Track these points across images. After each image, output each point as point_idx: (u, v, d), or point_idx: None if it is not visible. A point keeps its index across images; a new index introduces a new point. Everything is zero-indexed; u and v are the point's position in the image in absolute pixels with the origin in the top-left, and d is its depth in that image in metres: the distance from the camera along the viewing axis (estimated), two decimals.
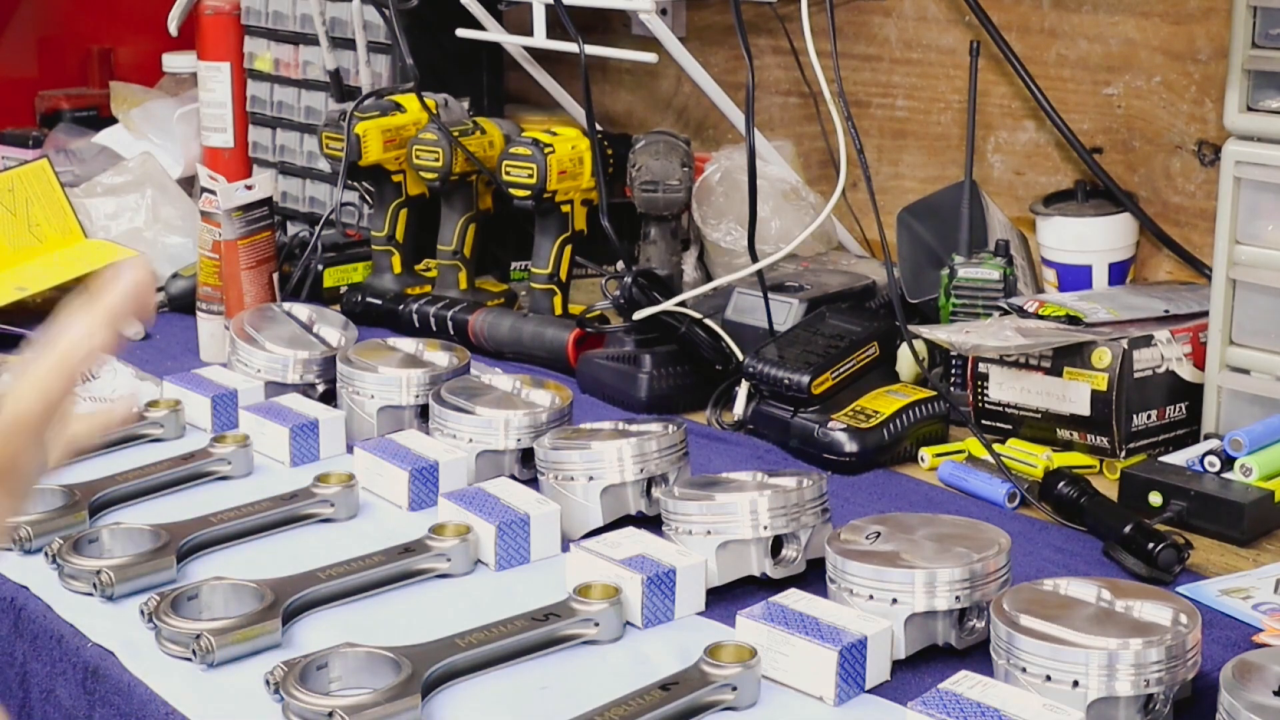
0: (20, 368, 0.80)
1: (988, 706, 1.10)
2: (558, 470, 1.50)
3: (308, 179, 2.49)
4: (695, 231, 2.26)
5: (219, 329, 1.99)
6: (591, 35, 2.09)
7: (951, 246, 1.93)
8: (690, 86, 2.34)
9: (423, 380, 1.72)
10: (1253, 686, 1.06)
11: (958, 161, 2.05)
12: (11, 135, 2.81)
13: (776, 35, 2.33)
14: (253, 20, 2.51)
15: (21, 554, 1.44)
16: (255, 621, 1.26)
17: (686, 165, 2.09)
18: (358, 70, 2.38)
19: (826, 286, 1.97)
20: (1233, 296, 1.64)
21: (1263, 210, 1.61)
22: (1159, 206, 1.98)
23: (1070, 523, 1.52)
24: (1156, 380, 1.65)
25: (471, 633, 1.25)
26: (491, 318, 2.05)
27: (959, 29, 2.15)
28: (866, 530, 1.31)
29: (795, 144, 2.36)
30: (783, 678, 1.21)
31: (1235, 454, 1.52)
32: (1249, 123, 1.61)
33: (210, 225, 1.99)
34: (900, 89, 2.24)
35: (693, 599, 1.34)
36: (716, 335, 1.86)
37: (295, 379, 1.81)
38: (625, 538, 1.38)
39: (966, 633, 1.26)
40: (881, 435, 1.68)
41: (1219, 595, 1.37)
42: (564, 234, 2.09)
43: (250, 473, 1.64)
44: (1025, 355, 1.67)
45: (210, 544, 1.45)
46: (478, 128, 2.19)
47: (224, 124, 2.55)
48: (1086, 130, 2.03)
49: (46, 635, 1.33)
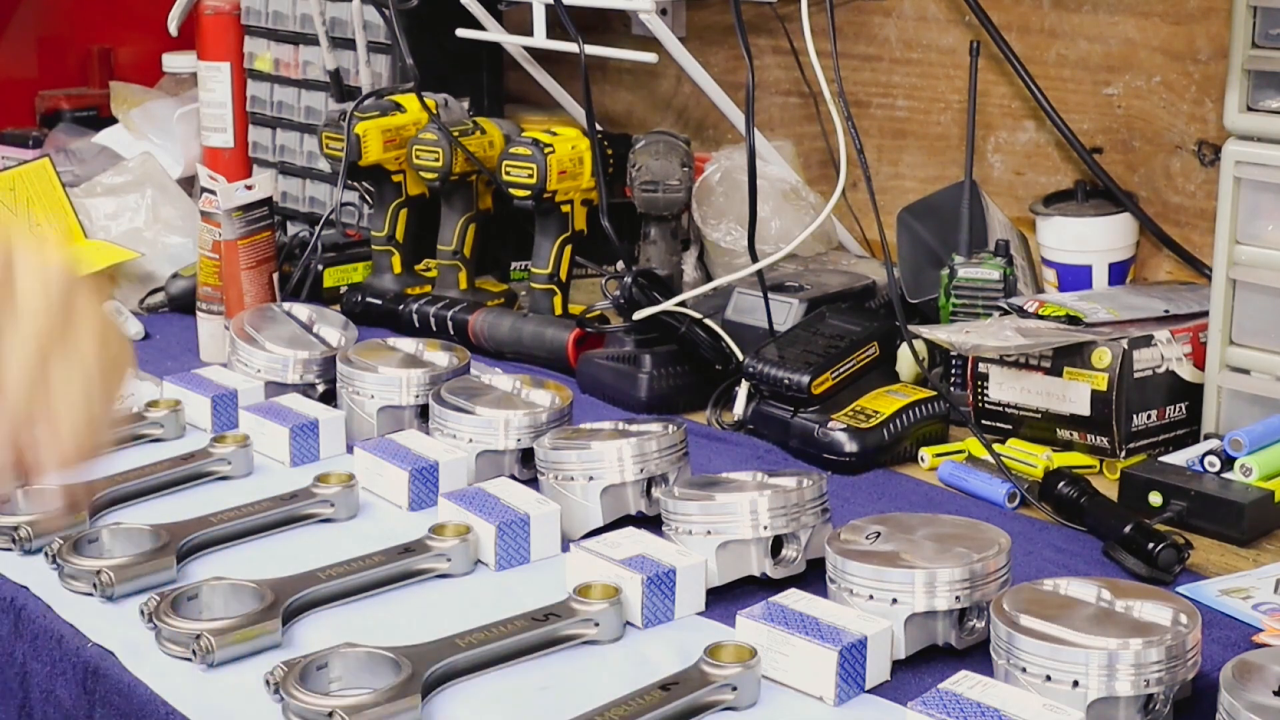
0: None
1: (988, 706, 1.10)
2: (558, 470, 1.50)
3: (308, 179, 2.49)
4: (695, 231, 2.26)
5: (219, 329, 1.99)
6: (591, 35, 2.09)
7: (951, 246, 1.93)
8: (690, 86, 2.34)
9: (423, 380, 1.72)
10: (1253, 686, 1.06)
11: (958, 161, 2.05)
12: (11, 135, 2.81)
13: (776, 35, 2.33)
14: (253, 20, 2.51)
15: (21, 554, 1.44)
16: (255, 622, 1.26)
17: (686, 165, 2.09)
18: (358, 70, 2.38)
19: (826, 286, 1.97)
20: (1233, 296, 1.64)
21: (1263, 210, 1.61)
22: (1159, 206, 1.98)
23: (1070, 523, 1.52)
24: (1156, 380, 1.65)
25: (471, 633, 1.25)
26: (491, 318, 2.05)
27: (959, 29, 2.15)
28: (866, 530, 1.31)
29: (795, 144, 2.36)
30: (783, 678, 1.21)
31: (1235, 454, 1.52)
32: (1249, 123, 1.61)
33: (210, 225, 1.99)
34: (900, 89, 2.24)
35: (693, 599, 1.34)
36: (716, 335, 1.86)
37: (295, 379, 1.81)
38: (625, 538, 1.38)
39: (966, 633, 1.26)
40: (881, 435, 1.68)
41: (1219, 595, 1.37)
42: (564, 234, 2.09)
43: (250, 473, 1.64)
44: (1025, 355, 1.67)
45: (210, 544, 1.45)
46: (478, 128, 2.19)
47: (224, 124, 2.55)
48: (1086, 130, 2.03)
49: (46, 635, 1.33)
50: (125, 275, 2.26)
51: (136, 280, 2.26)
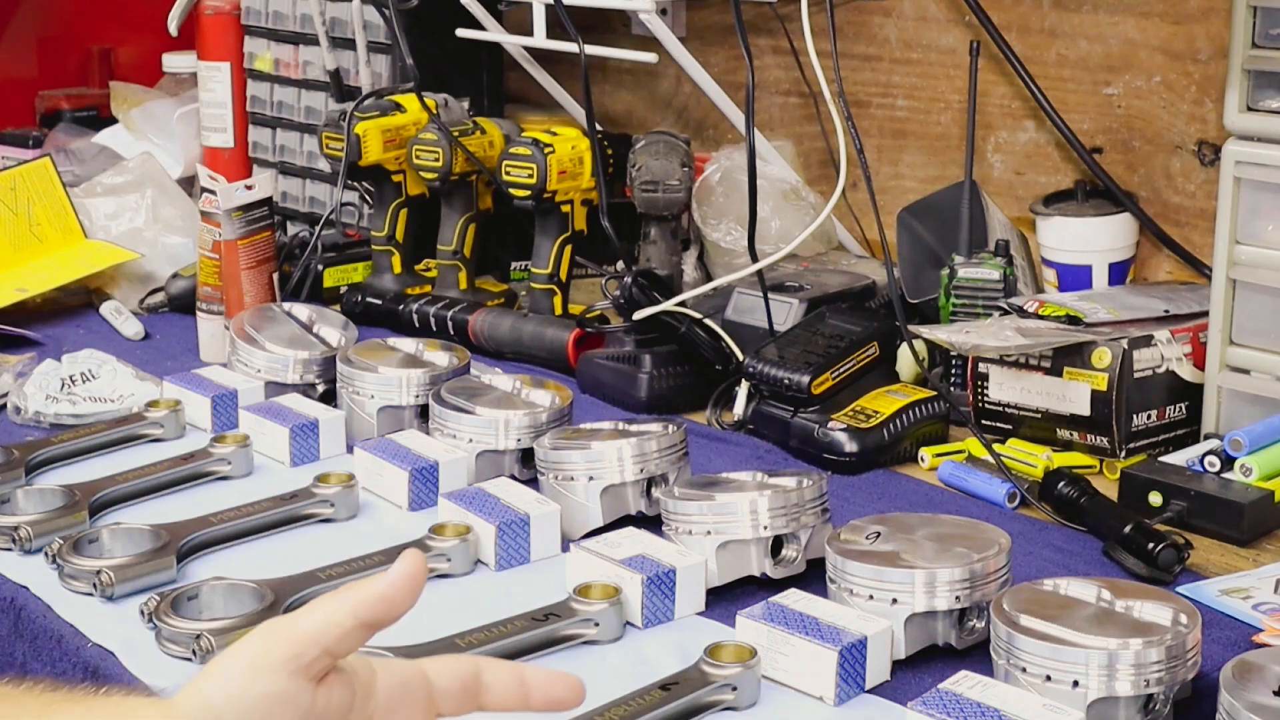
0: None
1: (988, 706, 1.10)
2: (558, 470, 1.50)
3: (308, 179, 2.48)
4: (695, 231, 2.26)
5: (219, 329, 1.99)
6: (591, 35, 2.09)
7: (951, 246, 1.93)
8: (690, 86, 2.34)
9: (423, 380, 1.72)
10: (1253, 686, 1.07)
11: (958, 161, 2.05)
12: (11, 135, 2.81)
13: (776, 35, 2.33)
14: (253, 20, 2.51)
15: (21, 554, 1.44)
16: (255, 621, 1.26)
17: (686, 165, 2.09)
18: (358, 70, 2.38)
19: (826, 286, 1.97)
20: (1233, 296, 1.64)
21: (1263, 210, 1.61)
22: (1159, 206, 1.98)
23: (1070, 523, 1.52)
24: (1156, 380, 1.65)
25: (471, 633, 1.25)
26: (491, 318, 2.05)
27: (959, 29, 2.15)
28: (866, 530, 1.31)
29: (795, 144, 2.36)
30: (783, 678, 1.21)
31: (1235, 454, 1.52)
32: (1249, 123, 1.61)
33: (210, 225, 1.99)
34: (900, 89, 2.24)
35: (693, 599, 1.34)
36: (716, 335, 1.86)
37: (295, 379, 1.81)
38: (625, 538, 1.38)
39: (966, 633, 1.26)
40: (881, 435, 1.68)
41: (1219, 595, 1.37)
42: (564, 234, 2.09)
43: (250, 473, 1.64)
44: (1025, 355, 1.67)
45: (210, 544, 1.45)
46: (478, 128, 2.19)
47: (224, 124, 2.54)
48: (1086, 130, 2.03)
49: (46, 635, 1.33)
50: (125, 275, 2.26)
51: (136, 280, 2.26)
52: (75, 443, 1.67)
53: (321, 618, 0.77)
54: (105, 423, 1.73)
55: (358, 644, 0.78)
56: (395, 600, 0.78)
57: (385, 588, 0.78)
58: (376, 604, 0.78)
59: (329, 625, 0.77)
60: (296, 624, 0.77)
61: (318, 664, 0.76)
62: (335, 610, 0.77)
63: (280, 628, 0.77)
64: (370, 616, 0.78)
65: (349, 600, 0.78)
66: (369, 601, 0.78)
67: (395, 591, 0.79)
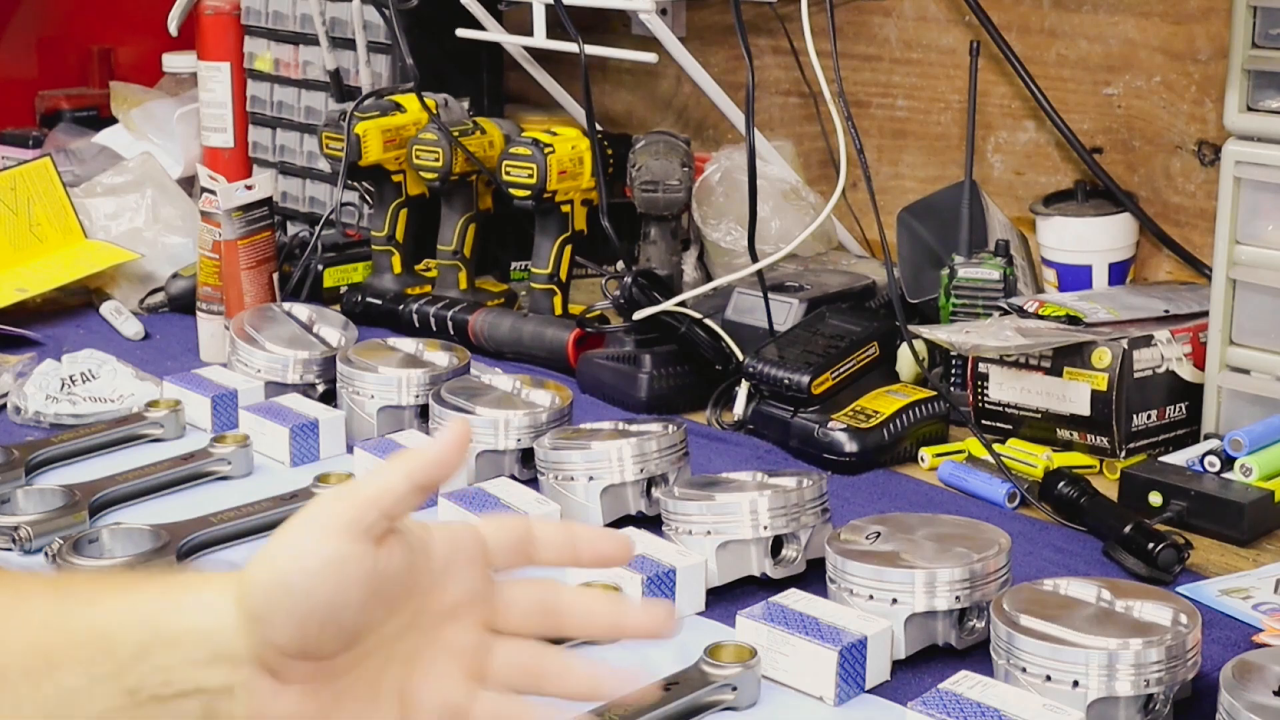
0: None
1: (988, 706, 1.10)
2: (558, 470, 1.50)
3: (308, 179, 2.48)
4: (695, 231, 2.26)
5: (219, 329, 1.99)
6: (591, 35, 2.09)
7: (951, 246, 1.93)
8: (690, 86, 2.34)
9: (423, 380, 1.72)
10: (1253, 686, 1.07)
11: (958, 161, 2.05)
12: (11, 135, 2.81)
13: (776, 35, 2.32)
14: (253, 20, 2.51)
15: (21, 554, 1.44)
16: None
17: (686, 165, 2.09)
18: (358, 70, 2.38)
19: (826, 286, 1.97)
20: (1233, 296, 1.64)
21: (1263, 210, 1.61)
22: (1159, 206, 1.98)
23: (1070, 523, 1.52)
24: (1156, 380, 1.65)
25: None
26: (491, 318, 2.05)
27: (959, 29, 2.15)
28: (866, 530, 1.31)
29: (795, 144, 2.36)
30: (783, 678, 1.21)
31: (1235, 454, 1.52)
32: (1249, 123, 1.61)
33: (210, 225, 1.99)
34: (900, 89, 2.24)
35: (693, 599, 1.34)
36: (716, 335, 1.86)
37: (295, 379, 1.81)
38: None
39: (966, 633, 1.26)
40: (881, 435, 1.68)
41: (1219, 595, 1.37)
42: (564, 234, 2.09)
43: (250, 473, 1.64)
44: (1025, 355, 1.67)
45: (210, 544, 1.45)
46: (478, 128, 2.19)
47: (224, 124, 2.54)
48: (1086, 130, 2.03)
49: None
50: (125, 275, 2.26)
51: (136, 280, 2.26)
52: (75, 443, 1.67)
53: (379, 482, 0.80)
54: (105, 423, 1.73)
55: (413, 506, 0.81)
56: (444, 462, 0.82)
57: (436, 452, 0.82)
58: (427, 466, 0.81)
59: (385, 489, 0.80)
60: (355, 490, 0.80)
61: (378, 526, 0.79)
62: (390, 475, 0.81)
63: (340, 496, 0.80)
64: (423, 479, 0.81)
65: (402, 465, 0.81)
66: (421, 465, 0.81)
67: (444, 454, 0.82)
